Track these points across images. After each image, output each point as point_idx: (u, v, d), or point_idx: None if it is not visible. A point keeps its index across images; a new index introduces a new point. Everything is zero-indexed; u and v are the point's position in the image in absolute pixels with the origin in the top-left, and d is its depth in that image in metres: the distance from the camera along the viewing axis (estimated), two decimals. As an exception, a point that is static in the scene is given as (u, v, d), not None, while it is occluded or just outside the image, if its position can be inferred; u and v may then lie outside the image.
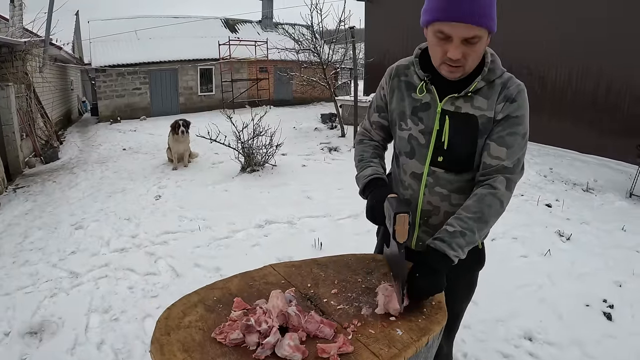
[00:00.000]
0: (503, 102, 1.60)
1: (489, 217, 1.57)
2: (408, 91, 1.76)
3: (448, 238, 1.54)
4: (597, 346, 3.09)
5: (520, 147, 1.60)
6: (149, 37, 20.03)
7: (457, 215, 1.59)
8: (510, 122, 1.59)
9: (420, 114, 1.72)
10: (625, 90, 9.22)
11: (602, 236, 5.13)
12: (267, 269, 1.79)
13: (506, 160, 1.59)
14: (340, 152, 10.06)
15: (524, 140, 1.61)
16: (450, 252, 1.52)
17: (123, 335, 3.23)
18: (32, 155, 10.27)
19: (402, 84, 1.79)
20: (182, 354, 1.27)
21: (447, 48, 1.50)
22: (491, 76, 1.62)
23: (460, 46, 1.48)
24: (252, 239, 4.99)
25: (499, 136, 1.60)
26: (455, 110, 1.65)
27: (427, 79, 1.68)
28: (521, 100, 1.60)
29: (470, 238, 1.55)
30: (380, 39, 15.77)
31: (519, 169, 1.62)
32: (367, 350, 1.31)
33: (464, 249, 1.55)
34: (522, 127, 1.60)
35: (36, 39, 11.82)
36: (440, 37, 1.50)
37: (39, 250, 4.75)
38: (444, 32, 1.47)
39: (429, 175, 1.74)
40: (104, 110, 18.65)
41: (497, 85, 1.62)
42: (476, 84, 1.60)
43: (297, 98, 23.10)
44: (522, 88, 1.62)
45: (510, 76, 1.65)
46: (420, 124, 1.72)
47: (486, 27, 1.46)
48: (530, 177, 7.74)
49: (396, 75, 1.81)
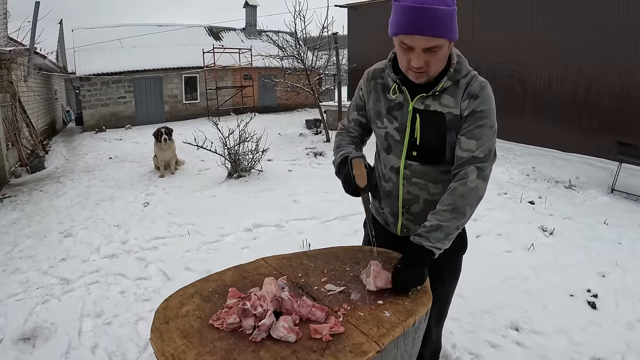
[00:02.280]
0: (467, 99, 1.71)
1: (463, 207, 1.66)
2: (383, 92, 1.90)
3: (425, 233, 1.65)
4: (582, 333, 3.18)
5: (489, 137, 1.70)
6: (133, 45, 19.93)
7: (434, 210, 1.70)
8: (477, 117, 1.70)
9: (394, 113, 1.86)
10: (604, 89, 9.40)
11: (584, 230, 5.25)
12: (259, 261, 1.86)
13: (476, 151, 1.69)
14: (325, 156, 10.13)
15: (492, 130, 1.72)
16: (427, 244, 1.63)
17: (116, 339, 3.26)
18: (18, 165, 10.20)
19: (378, 86, 1.92)
20: (182, 340, 1.34)
21: (410, 57, 1.62)
22: (457, 76, 1.74)
23: (422, 55, 1.60)
24: (241, 242, 5.05)
25: (468, 130, 1.71)
26: (425, 108, 1.77)
27: (399, 81, 1.80)
28: (484, 95, 1.71)
29: (447, 229, 1.65)
30: (363, 44, 15.89)
31: (490, 158, 1.71)
32: (357, 330, 1.38)
33: (443, 240, 1.65)
34: (489, 119, 1.71)
35: (21, 47, 11.74)
36: (404, 48, 1.62)
37: (28, 258, 4.74)
38: (406, 43, 1.59)
39: (406, 168, 1.87)
40: (88, 120, 18.49)
41: (461, 84, 1.74)
42: (443, 84, 1.72)
43: (281, 105, 23.09)
44: (485, 85, 1.73)
45: (475, 75, 1.76)
46: (395, 122, 1.86)
47: (444, 37, 1.57)
48: (513, 176, 7.87)
49: (372, 78, 1.95)
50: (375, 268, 1.62)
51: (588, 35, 9.47)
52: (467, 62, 1.78)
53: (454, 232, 1.67)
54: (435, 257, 1.66)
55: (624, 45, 8.93)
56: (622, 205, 6.34)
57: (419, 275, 1.62)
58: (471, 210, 1.69)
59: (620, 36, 8.94)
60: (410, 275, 1.60)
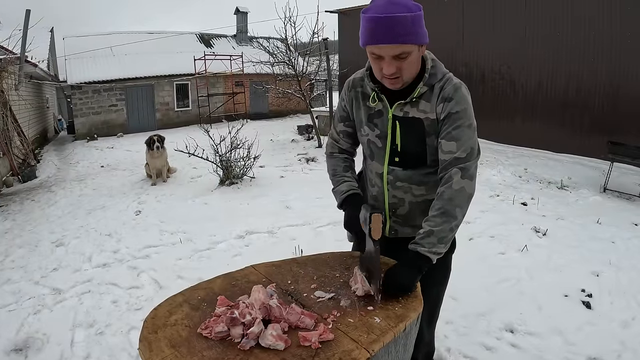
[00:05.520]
0: (442, 102, 1.73)
1: (452, 209, 1.68)
2: (363, 101, 1.92)
3: (419, 239, 1.69)
4: (577, 333, 3.17)
5: (469, 137, 1.71)
6: (124, 53, 19.89)
7: (427, 217, 1.72)
8: (453, 118, 1.71)
9: (375, 121, 1.88)
10: (594, 90, 9.46)
11: (577, 230, 5.26)
12: (248, 269, 1.85)
13: (458, 152, 1.70)
14: (317, 162, 10.14)
15: (471, 129, 1.73)
16: (420, 249, 1.66)
17: (109, 348, 3.22)
18: (10, 174, 10.13)
19: (358, 94, 1.94)
20: (170, 350, 1.32)
21: (382, 65, 1.66)
22: (432, 80, 1.76)
23: (392, 62, 1.62)
24: (234, 249, 5.02)
25: (447, 132, 1.72)
26: (404, 115, 1.80)
27: (377, 90, 1.82)
28: (458, 97, 1.72)
29: (440, 233, 1.67)
30: (353, 50, 15.89)
31: (473, 156, 1.72)
32: (347, 337, 1.37)
33: (437, 245, 1.67)
34: (465, 119, 1.72)
35: (11, 56, 11.69)
36: (374, 57, 1.66)
37: (20, 269, 4.70)
38: (375, 53, 1.63)
39: (389, 173, 1.90)
40: (80, 128, 18.42)
41: (436, 89, 1.75)
42: (419, 90, 1.74)
43: (273, 111, 23.07)
44: (459, 86, 1.74)
45: (449, 77, 1.78)
46: (376, 129, 1.88)
47: (411, 43, 1.59)
48: (505, 177, 7.89)
49: (352, 87, 1.97)
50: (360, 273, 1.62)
51: (576, 35, 9.53)
52: (442, 65, 1.80)
53: (449, 234, 1.68)
54: (434, 262, 1.68)
55: (613, 45, 8.98)
56: (615, 204, 6.36)
57: (411, 277, 1.63)
58: (462, 211, 1.70)
59: (608, 35, 9.00)
60: (401, 275, 1.62)
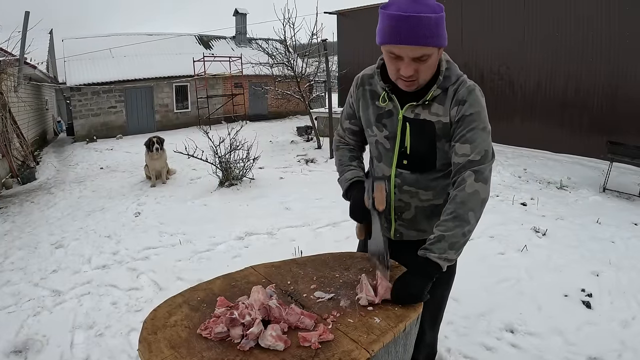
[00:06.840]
0: (456, 106, 1.69)
1: (465, 213, 1.61)
2: (372, 100, 1.87)
3: (429, 245, 1.62)
4: (577, 333, 3.17)
5: (483, 139, 1.66)
6: (123, 55, 19.87)
7: (438, 222, 1.66)
8: (467, 121, 1.67)
9: (384, 121, 1.83)
10: (593, 90, 9.47)
11: (577, 230, 5.27)
12: (248, 270, 1.84)
13: (472, 154, 1.64)
14: (317, 163, 10.14)
15: (485, 132, 1.68)
16: (430, 255, 1.59)
17: (109, 350, 3.22)
18: (9, 176, 10.14)
19: (366, 92, 1.89)
20: (169, 350, 1.32)
21: (399, 66, 1.60)
22: (446, 83, 1.71)
23: (411, 64, 1.57)
24: (233, 250, 5.02)
25: (461, 135, 1.68)
26: (415, 117, 1.75)
27: (388, 89, 1.78)
28: (472, 99, 1.68)
29: (451, 238, 1.59)
30: (352, 51, 15.96)
31: (487, 159, 1.67)
32: (346, 337, 1.36)
33: (448, 250, 1.59)
34: (480, 122, 1.67)
35: (11, 58, 11.69)
36: (392, 57, 1.60)
37: (20, 270, 4.70)
38: (394, 53, 1.57)
39: (397, 176, 1.86)
40: (79, 130, 18.40)
41: (450, 92, 1.71)
42: (432, 92, 1.70)
43: (272, 112, 23.07)
44: (473, 88, 1.70)
45: (463, 80, 1.73)
46: (384, 130, 1.83)
47: (433, 46, 1.54)
48: (504, 178, 7.90)
49: (361, 85, 1.91)
50: (367, 282, 1.58)
51: (575, 36, 9.54)
52: (457, 67, 1.76)
53: (461, 240, 1.61)
54: (444, 270, 1.61)
55: (611, 45, 8.99)
56: (614, 204, 6.37)
57: (421, 286, 1.56)
58: (476, 216, 1.63)
59: (607, 35, 9.01)
60: (411, 285, 1.55)
